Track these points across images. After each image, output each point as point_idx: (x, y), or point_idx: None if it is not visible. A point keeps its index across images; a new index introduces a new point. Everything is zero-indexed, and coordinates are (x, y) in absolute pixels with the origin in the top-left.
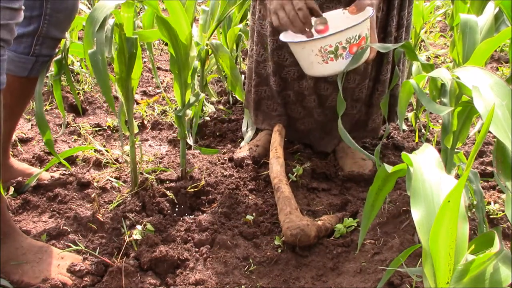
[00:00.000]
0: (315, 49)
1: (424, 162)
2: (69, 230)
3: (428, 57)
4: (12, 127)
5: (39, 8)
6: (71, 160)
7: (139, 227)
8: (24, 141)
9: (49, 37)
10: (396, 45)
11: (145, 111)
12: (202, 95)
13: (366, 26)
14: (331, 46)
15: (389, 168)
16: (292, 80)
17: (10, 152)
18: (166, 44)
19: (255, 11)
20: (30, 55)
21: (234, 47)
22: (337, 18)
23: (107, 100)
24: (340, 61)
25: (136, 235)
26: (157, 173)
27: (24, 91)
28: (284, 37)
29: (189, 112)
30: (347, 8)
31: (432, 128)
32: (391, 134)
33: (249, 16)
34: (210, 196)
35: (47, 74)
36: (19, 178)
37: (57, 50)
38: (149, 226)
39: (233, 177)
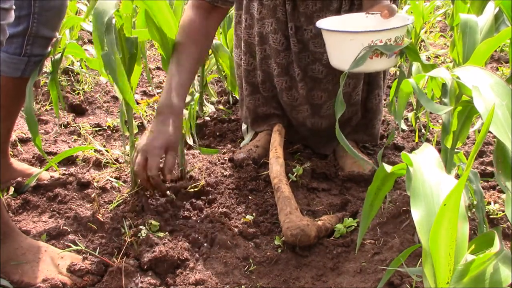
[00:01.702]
0: (365, 42)
1: (424, 162)
2: (69, 230)
3: (428, 57)
4: (9, 127)
5: (27, 8)
6: (71, 160)
7: (142, 227)
8: (24, 141)
9: (39, 36)
10: (399, 46)
11: (145, 111)
12: (197, 94)
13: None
14: (381, 41)
15: (389, 168)
16: (280, 90)
17: (10, 152)
18: None
19: (241, 20)
20: (22, 56)
21: None
22: (360, 20)
23: (128, 99)
24: (384, 59)
25: (142, 231)
26: None
27: (18, 91)
28: (325, 24)
29: (186, 112)
30: (372, 12)
31: (432, 128)
32: None
33: (234, 25)
34: (210, 196)
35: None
36: (19, 178)
37: (49, 49)
38: (153, 222)
39: (233, 177)
